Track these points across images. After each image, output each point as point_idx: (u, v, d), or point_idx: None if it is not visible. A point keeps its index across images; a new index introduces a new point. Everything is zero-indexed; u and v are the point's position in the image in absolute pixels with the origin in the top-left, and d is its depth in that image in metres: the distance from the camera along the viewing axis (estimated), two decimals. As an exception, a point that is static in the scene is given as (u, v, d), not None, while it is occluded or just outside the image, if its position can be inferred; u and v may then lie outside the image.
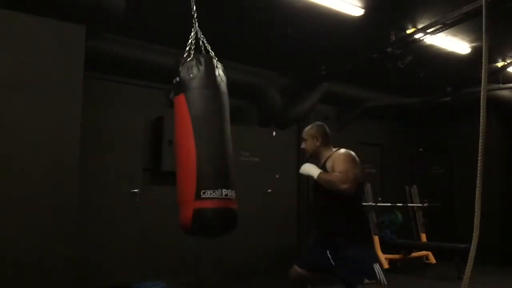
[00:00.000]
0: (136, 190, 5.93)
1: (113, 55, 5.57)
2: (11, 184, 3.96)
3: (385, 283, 2.93)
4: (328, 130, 3.37)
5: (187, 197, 2.91)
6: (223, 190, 2.94)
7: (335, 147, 3.31)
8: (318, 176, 3.10)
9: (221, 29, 5.67)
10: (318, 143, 3.29)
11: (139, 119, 6.13)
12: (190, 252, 6.24)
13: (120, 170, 5.88)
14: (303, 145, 3.36)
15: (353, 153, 3.19)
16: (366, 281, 2.92)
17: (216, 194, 2.91)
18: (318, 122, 3.43)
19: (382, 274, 2.95)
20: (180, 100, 2.99)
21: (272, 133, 7.73)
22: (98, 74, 5.60)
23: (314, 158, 3.36)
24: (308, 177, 3.20)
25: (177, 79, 3.02)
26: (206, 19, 5.36)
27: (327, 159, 3.24)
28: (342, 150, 3.25)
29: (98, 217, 5.57)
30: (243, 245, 6.62)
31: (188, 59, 3.05)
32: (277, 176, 7.68)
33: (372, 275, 2.93)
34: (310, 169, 3.15)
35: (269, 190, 7.52)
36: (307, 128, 3.38)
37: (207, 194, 2.88)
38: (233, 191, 2.98)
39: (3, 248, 3.85)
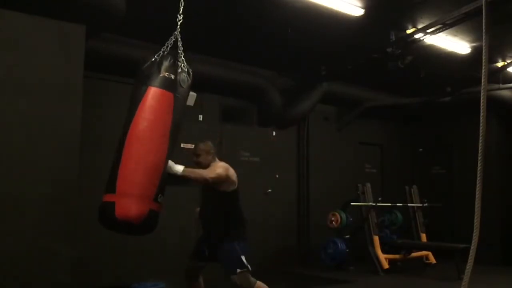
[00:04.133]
0: (136, 190, 5.92)
1: (113, 55, 5.57)
2: (11, 184, 3.96)
3: (250, 268, 3.66)
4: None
5: (146, 194, 3.06)
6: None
7: (220, 160, 3.93)
8: (182, 171, 3.50)
9: (221, 29, 5.68)
10: (210, 157, 3.89)
11: (139, 119, 6.11)
12: (190, 252, 6.22)
13: (120, 170, 5.86)
14: (198, 159, 3.86)
15: (227, 164, 3.86)
16: (239, 270, 3.62)
17: (162, 200, 3.20)
18: (207, 141, 3.99)
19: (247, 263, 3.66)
20: (167, 97, 3.20)
21: (272, 133, 7.72)
22: (98, 74, 5.59)
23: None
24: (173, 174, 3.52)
25: (171, 76, 3.23)
26: (207, 19, 5.39)
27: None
28: (221, 162, 3.91)
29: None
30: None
31: (181, 64, 3.32)
32: (277, 176, 7.68)
33: (242, 265, 3.63)
34: (174, 166, 3.49)
35: (269, 190, 7.51)
36: (201, 145, 3.91)
37: (160, 199, 3.17)
38: None
39: (3, 248, 3.85)
